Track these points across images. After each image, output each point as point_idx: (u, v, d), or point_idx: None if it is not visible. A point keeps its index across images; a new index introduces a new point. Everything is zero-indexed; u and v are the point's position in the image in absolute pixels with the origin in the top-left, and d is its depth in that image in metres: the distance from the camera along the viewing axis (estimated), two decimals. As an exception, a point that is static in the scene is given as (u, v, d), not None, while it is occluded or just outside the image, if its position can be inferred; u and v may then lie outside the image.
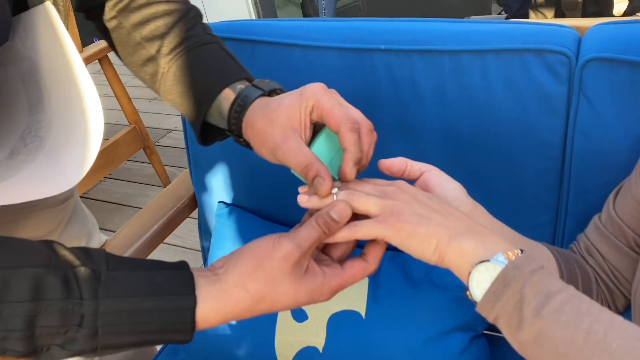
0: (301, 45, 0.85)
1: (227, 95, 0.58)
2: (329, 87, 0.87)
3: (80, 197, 2.30)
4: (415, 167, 0.58)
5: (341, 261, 0.52)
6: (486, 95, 0.76)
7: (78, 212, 0.89)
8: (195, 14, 0.65)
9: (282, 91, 0.59)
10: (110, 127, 2.83)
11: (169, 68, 0.62)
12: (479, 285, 0.45)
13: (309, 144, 0.54)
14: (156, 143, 2.70)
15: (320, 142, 0.54)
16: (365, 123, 0.53)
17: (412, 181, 0.58)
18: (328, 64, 0.84)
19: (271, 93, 0.58)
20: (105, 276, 0.44)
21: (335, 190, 0.51)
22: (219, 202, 1.02)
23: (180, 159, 2.54)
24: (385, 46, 0.80)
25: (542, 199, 0.80)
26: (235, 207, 1.00)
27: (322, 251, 0.53)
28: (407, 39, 0.79)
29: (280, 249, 0.47)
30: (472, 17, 1.00)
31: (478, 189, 0.81)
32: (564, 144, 0.75)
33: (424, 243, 0.47)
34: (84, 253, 0.45)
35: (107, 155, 2.00)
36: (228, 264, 0.48)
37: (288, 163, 0.52)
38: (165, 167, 2.33)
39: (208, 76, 0.60)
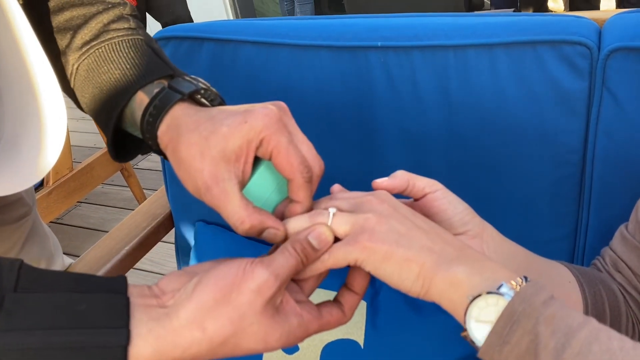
0: (289, 45, 0.78)
1: (141, 100, 0.48)
2: (321, 90, 0.80)
3: (53, 222, 2.23)
4: (418, 185, 0.49)
5: (310, 294, 0.43)
6: (495, 95, 0.69)
7: (37, 231, 0.80)
8: (127, 8, 0.55)
9: (207, 93, 0.47)
10: (87, 151, 2.75)
11: (79, 66, 0.51)
12: (479, 325, 0.37)
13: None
14: (135, 166, 2.61)
15: (259, 177, 0.44)
16: (317, 165, 0.44)
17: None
18: (318, 65, 0.77)
19: (194, 95, 0.47)
20: (10, 300, 0.34)
21: (333, 210, 0.42)
22: (198, 220, 0.94)
23: (160, 182, 2.45)
24: (382, 43, 0.73)
25: (559, 210, 0.72)
26: (216, 225, 0.92)
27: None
28: (407, 34, 0.72)
29: (253, 279, 0.37)
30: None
31: (487, 201, 0.74)
32: (585, 147, 0.68)
33: (403, 269, 0.39)
34: None
35: (82, 178, 1.91)
36: (182, 292, 0.38)
37: (219, 211, 0.42)
38: (144, 191, 2.24)
39: (122, 75, 0.49)
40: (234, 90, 0.82)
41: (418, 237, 0.41)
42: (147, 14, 2.54)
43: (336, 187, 0.49)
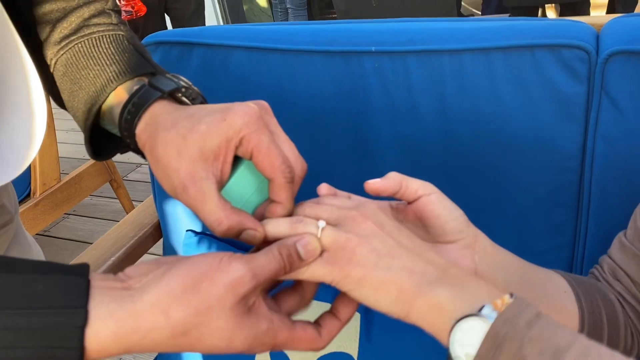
0: (280, 50, 0.77)
1: (120, 97, 0.46)
2: (314, 97, 0.79)
3: (40, 234, 2.19)
4: (411, 188, 0.47)
5: (289, 315, 0.42)
6: (492, 100, 0.67)
7: (19, 241, 0.76)
8: (109, 3, 0.53)
9: (189, 92, 0.46)
10: (76, 162, 2.72)
11: (57, 60, 0.50)
12: (463, 348, 0.35)
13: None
14: (124, 178, 2.58)
15: (239, 177, 0.43)
16: (299, 165, 0.43)
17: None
18: (311, 70, 0.75)
19: (174, 93, 0.45)
20: None
21: (322, 224, 0.40)
22: (187, 230, 0.91)
23: (150, 194, 2.42)
24: (377, 48, 0.71)
25: (557, 218, 0.71)
26: (205, 235, 0.89)
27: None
28: (402, 39, 0.71)
29: (228, 272, 0.35)
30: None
31: (483, 209, 0.72)
32: (583, 153, 0.66)
33: (379, 292, 0.38)
34: None
35: (70, 189, 1.87)
36: (149, 277, 0.36)
37: (196, 212, 0.41)
38: (134, 203, 2.21)
39: (101, 71, 0.47)
40: (224, 96, 0.80)
41: (399, 257, 0.39)
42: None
43: (323, 188, 0.47)
